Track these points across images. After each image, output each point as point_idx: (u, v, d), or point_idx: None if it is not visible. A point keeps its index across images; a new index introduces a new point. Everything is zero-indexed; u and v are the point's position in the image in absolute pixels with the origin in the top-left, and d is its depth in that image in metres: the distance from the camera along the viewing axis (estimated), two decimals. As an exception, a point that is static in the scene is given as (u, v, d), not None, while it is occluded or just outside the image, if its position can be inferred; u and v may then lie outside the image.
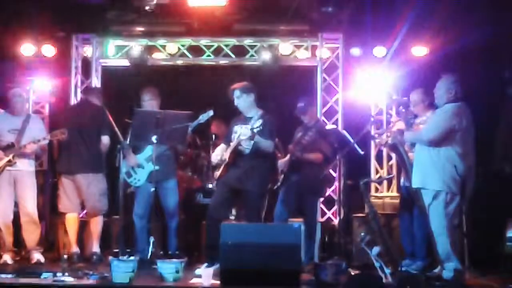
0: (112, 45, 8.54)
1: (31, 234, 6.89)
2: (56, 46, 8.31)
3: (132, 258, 5.66)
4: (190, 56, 8.52)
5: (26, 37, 8.15)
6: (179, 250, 6.77)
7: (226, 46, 8.43)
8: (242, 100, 6.39)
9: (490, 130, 7.33)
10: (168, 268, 5.53)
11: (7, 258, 6.76)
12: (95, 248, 6.92)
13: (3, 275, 5.72)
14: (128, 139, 6.64)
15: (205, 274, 5.48)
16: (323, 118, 8.09)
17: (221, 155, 6.46)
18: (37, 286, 5.41)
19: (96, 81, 8.48)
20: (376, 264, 5.55)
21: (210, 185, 7.45)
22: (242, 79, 6.58)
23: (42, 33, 8.21)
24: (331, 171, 7.40)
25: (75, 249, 6.95)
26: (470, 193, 5.73)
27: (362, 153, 6.68)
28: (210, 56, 8.49)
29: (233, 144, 6.31)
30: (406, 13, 7.41)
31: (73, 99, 8.34)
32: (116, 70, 8.54)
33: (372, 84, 8.14)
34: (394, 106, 8.01)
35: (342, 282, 5.38)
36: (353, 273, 5.94)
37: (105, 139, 6.88)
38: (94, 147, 6.88)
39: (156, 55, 8.55)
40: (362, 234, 5.98)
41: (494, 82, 7.45)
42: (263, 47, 8.28)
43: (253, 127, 6.15)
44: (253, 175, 6.23)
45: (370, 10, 7.56)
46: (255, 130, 6.12)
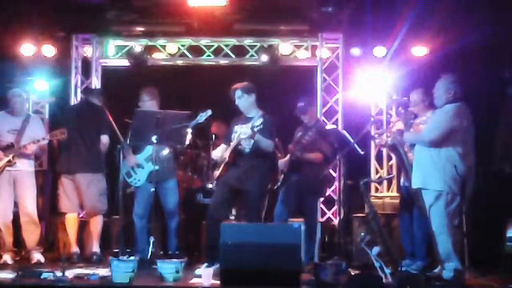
0: (112, 45, 8.54)
1: (31, 234, 6.89)
2: (56, 46, 8.30)
3: (132, 258, 5.66)
4: (190, 56, 8.51)
5: (26, 37, 8.13)
6: (179, 250, 6.77)
7: (226, 46, 8.43)
8: (243, 100, 6.39)
9: (490, 130, 7.32)
10: (168, 268, 5.53)
11: (7, 258, 6.76)
12: (95, 248, 6.93)
13: (3, 275, 5.73)
14: (128, 139, 6.64)
15: (205, 274, 5.48)
16: (323, 118, 8.08)
17: (221, 154, 6.47)
18: (37, 286, 5.42)
19: (96, 81, 8.47)
20: (376, 264, 5.54)
21: (210, 185, 7.44)
22: (242, 79, 6.57)
23: (42, 33, 8.20)
24: (331, 171, 7.40)
25: (75, 249, 6.97)
26: (470, 193, 5.72)
27: (362, 153, 6.68)
28: (210, 56, 8.49)
29: (233, 143, 6.31)
30: (406, 13, 7.41)
31: (73, 99, 8.34)
32: (116, 70, 8.52)
33: (372, 84, 8.13)
34: (394, 106, 8.00)
35: (342, 282, 5.38)
36: (353, 273, 5.94)
37: (105, 139, 6.88)
38: (94, 147, 6.89)
39: (156, 55, 8.53)
40: (362, 234, 5.98)
41: (494, 82, 7.44)
42: (263, 47, 8.28)
43: (253, 125, 6.15)
44: (253, 175, 6.23)
45: (370, 10, 7.56)
46: (255, 129, 6.12)
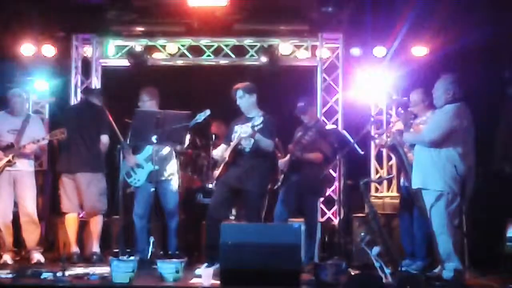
0: (112, 45, 8.54)
1: (31, 234, 6.88)
2: (56, 46, 8.30)
3: (132, 258, 5.66)
4: (190, 56, 8.51)
5: (26, 37, 8.13)
6: (179, 250, 6.78)
7: (226, 46, 8.43)
8: (245, 100, 6.39)
9: (490, 130, 7.32)
10: (168, 268, 5.53)
11: (7, 258, 6.76)
12: (95, 248, 6.93)
13: (3, 275, 5.72)
14: (128, 139, 6.64)
15: (205, 274, 5.48)
16: (323, 118, 8.08)
17: (221, 154, 6.47)
18: (37, 286, 5.41)
19: (96, 81, 8.47)
20: (376, 264, 5.54)
21: (210, 185, 7.43)
22: (242, 79, 6.57)
23: (42, 33, 8.20)
24: (331, 171, 7.39)
25: (75, 249, 6.97)
26: (470, 193, 5.72)
27: (362, 153, 6.68)
28: (210, 56, 8.49)
29: (233, 142, 6.31)
30: (406, 13, 7.40)
31: (73, 99, 8.34)
32: (116, 70, 8.52)
33: (372, 84, 8.13)
34: (394, 106, 8.00)
35: (342, 282, 5.37)
36: (353, 273, 5.94)
37: (105, 139, 6.89)
38: (94, 147, 6.89)
39: (156, 55, 8.53)
40: (362, 234, 5.97)
41: (494, 82, 7.44)
42: (263, 47, 8.27)
43: (254, 125, 6.15)
44: (253, 175, 6.23)
45: (370, 10, 7.55)
46: (256, 128, 6.12)
